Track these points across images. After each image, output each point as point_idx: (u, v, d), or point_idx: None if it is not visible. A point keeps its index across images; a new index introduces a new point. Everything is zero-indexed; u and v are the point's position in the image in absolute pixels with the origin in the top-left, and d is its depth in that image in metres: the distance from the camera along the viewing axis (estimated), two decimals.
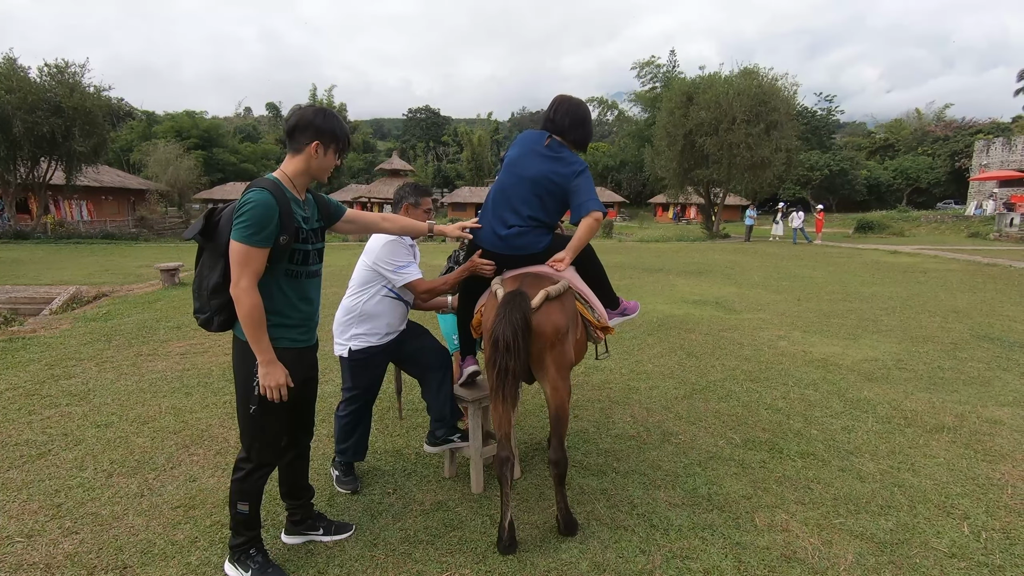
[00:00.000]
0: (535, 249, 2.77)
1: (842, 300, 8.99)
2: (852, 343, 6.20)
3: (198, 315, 2.20)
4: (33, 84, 20.70)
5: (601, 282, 3.00)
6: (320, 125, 2.11)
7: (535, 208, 2.74)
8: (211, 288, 2.10)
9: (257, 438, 2.21)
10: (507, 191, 2.74)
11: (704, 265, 14.06)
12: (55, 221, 24.93)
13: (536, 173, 2.70)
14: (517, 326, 2.28)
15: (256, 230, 1.97)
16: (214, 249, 2.11)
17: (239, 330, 2.14)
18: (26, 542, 2.53)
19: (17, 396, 4.36)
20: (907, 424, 3.95)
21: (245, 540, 2.28)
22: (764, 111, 22.55)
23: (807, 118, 49.16)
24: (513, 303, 2.33)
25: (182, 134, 46.48)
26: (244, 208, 1.98)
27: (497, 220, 2.74)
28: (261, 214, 1.97)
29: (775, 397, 4.45)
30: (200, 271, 2.17)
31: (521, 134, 2.85)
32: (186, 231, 2.16)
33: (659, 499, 2.91)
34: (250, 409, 2.14)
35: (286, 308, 2.17)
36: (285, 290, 2.15)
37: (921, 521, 2.75)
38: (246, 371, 2.14)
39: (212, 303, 2.12)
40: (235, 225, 1.98)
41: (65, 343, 5.97)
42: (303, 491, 2.55)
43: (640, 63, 39.27)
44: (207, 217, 2.14)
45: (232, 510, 2.26)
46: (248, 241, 1.97)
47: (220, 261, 2.08)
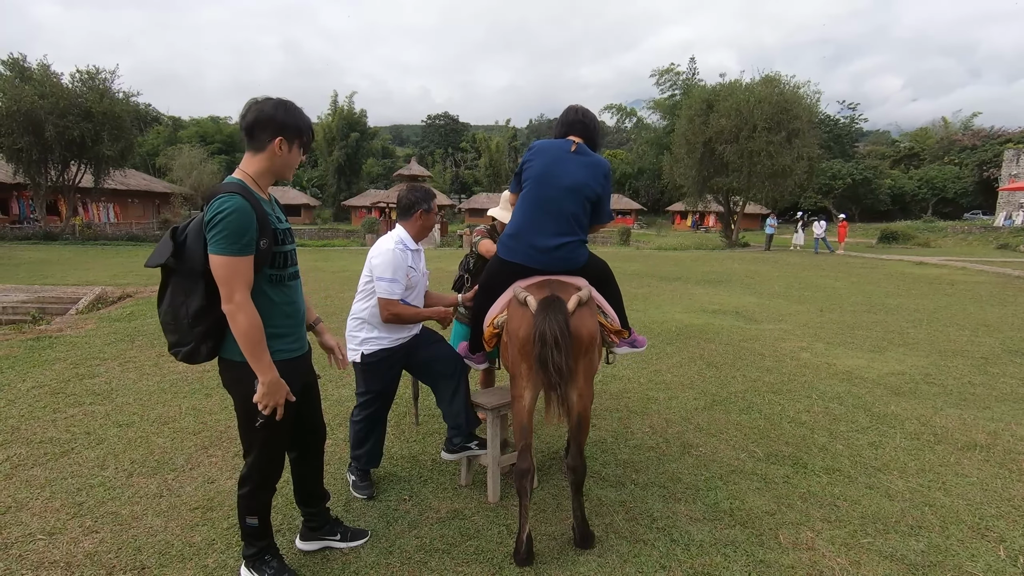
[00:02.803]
0: (579, 263, 2.73)
1: (866, 312, 8.80)
2: (878, 356, 6.05)
3: (177, 349, 2.00)
4: (65, 90, 21.27)
5: (618, 306, 2.96)
6: (283, 120, 1.96)
7: (580, 218, 2.70)
8: (193, 314, 1.93)
9: (261, 455, 2.13)
10: (546, 203, 2.63)
11: (723, 274, 13.89)
12: (83, 223, 25.54)
13: (575, 181, 2.64)
14: (561, 327, 2.25)
15: (236, 238, 1.84)
16: (188, 271, 1.91)
17: (229, 351, 2.01)
18: (48, 540, 2.55)
19: (43, 394, 4.44)
20: (937, 441, 3.83)
21: (257, 550, 2.25)
22: (785, 119, 22.28)
23: (829, 126, 48.57)
24: (552, 308, 2.29)
25: (206, 139, 47.53)
26: (218, 218, 1.83)
27: (538, 234, 2.63)
28: (238, 221, 1.84)
29: (798, 410, 4.35)
30: (171, 301, 1.97)
31: (538, 144, 2.75)
32: (150, 258, 1.94)
33: (679, 513, 2.85)
34: (256, 424, 2.02)
35: (275, 317, 2.03)
36: (271, 297, 2.02)
37: (954, 543, 2.65)
38: (244, 391, 2.02)
39: (196, 331, 1.94)
40: (212, 239, 1.84)
41: (90, 342, 6.07)
42: (318, 498, 2.52)
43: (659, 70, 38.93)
44: (172, 237, 1.93)
45: (241, 523, 2.21)
46: (231, 252, 1.84)
47: (198, 282, 1.90)
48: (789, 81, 23.37)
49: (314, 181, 56.05)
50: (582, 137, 2.75)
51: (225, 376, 2.10)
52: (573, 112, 2.81)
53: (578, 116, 2.79)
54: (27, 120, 20.01)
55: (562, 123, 2.82)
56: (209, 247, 1.85)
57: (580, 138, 2.74)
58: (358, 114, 51.29)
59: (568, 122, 2.79)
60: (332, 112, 50.81)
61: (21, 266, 14.78)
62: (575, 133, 2.76)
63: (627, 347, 2.99)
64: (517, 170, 2.79)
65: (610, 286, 2.92)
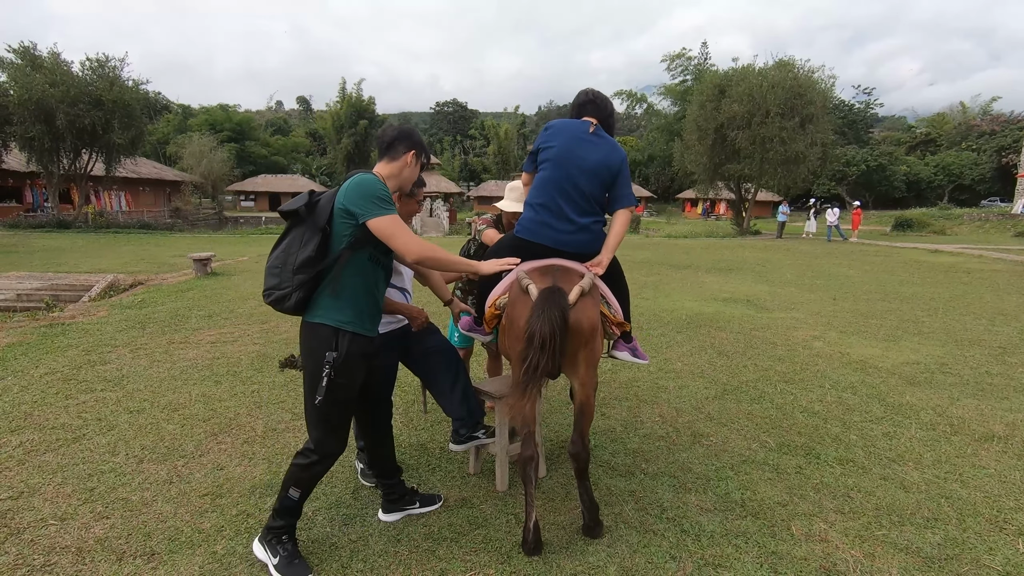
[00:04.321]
0: (598, 248, 2.70)
1: (880, 300, 8.67)
2: (892, 345, 5.96)
3: (273, 291, 2.19)
4: (76, 78, 21.32)
5: (624, 301, 2.90)
6: (417, 140, 2.37)
7: (601, 201, 2.67)
8: (300, 263, 2.14)
9: (321, 428, 2.25)
10: (569, 183, 2.59)
11: (734, 262, 13.75)
12: (95, 211, 25.76)
13: (595, 163, 2.60)
14: (556, 324, 2.20)
15: (388, 201, 2.16)
16: (313, 224, 2.16)
17: (317, 315, 2.19)
18: (59, 525, 2.57)
19: (55, 380, 4.48)
20: (953, 432, 3.76)
21: (284, 524, 2.31)
22: (799, 104, 21.88)
23: (844, 112, 47.69)
24: (552, 300, 2.25)
25: (215, 127, 47.54)
26: (363, 188, 2.13)
27: (563, 214, 2.59)
28: (376, 187, 2.16)
29: (811, 400, 4.29)
30: (288, 247, 2.20)
31: (555, 124, 2.69)
32: (285, 205, 2.20)
33: (690, 503, 2.82)
34: (316, 400, 2.16)
35: (362, 296, 2.24)
36: (366, 276, 2.23)
37: (971, 536, 2.59)
38: (318, 358, 2.17)
39: (297, 277, 2.15)
40: (366, 204, 2.11)
41: (101, 330, 6.12)
42: (395, 471, 2.68)
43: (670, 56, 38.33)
44: (309, 195, 2.24)
45: (282, 493, 2.29)
46: (388, 211, 2.14)
47: (316, 236, 2.14)
48: (803, 66, 22.93)
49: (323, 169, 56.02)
50: (596, 119, 2.69)
51: (305, 338, 2.24)
52: (585, 94, 2.76)
53: (590, 97, 2.74)
54: (39, 109, 20.10)
55: (579, 105, 2.76)
56: (365, 215, 2.11)
57: (595, 120, 2.68)
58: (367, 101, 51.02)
59: (580, 103, 2.74)
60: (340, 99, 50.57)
61: (35, 254, 14.93)
62: (588, 114, 2.70)
63: (628, 353, 2.93)
64: (533, 149, 2.73)
65: (619, 280, 2.87)
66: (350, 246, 2.17)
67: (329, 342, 2.17)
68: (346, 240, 2.16)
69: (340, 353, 2.18)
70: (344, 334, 2.19)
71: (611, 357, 3.09)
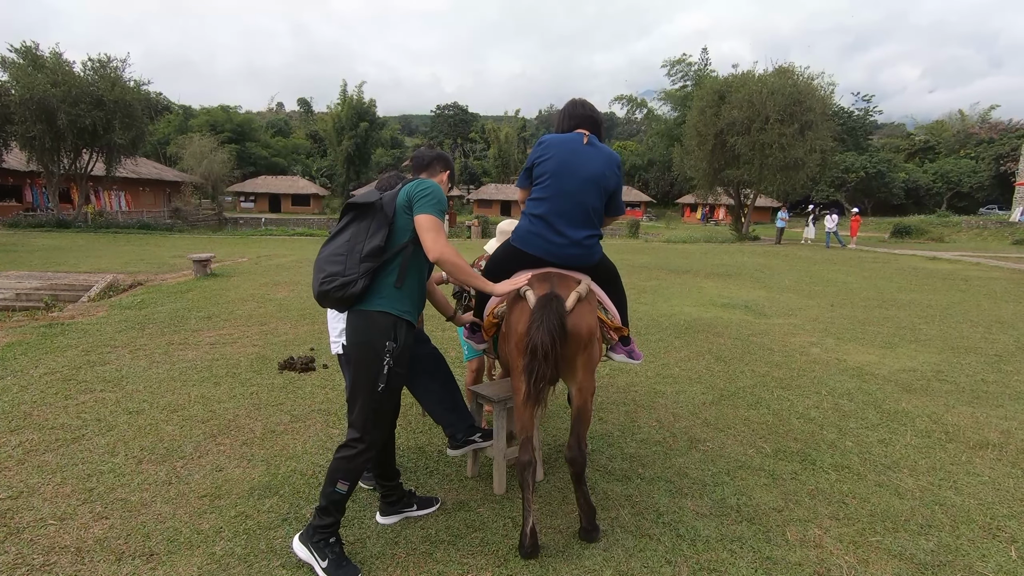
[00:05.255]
0: (595, 259, 2.73)
1: (878, 307, 8.70)
2: (889, 352, 5.98)
3: (337, 277, 2.26)
4: (77, 78, 21.34)
5: (623, 311, 2.93)
6: (451, 163, 2.75)
7: (599, 212, 2.70)
8: (368, 251, 2.27)
9: (372, 417, 2.33)
10: (567, 196, 2.60)
11: (733, 267, 13.78)
12: (95, 211, 25.76)
13: (593, 173, 2.62)
14: (555, 331, 2.23)
15: (439, 204, 2.35)
16: (383, 217, 2.31)
17: (375, 303, 2.30)
18: (58, 525, 2.58)
19: (55, 381, 4.49)
20: (948, 439, 3.78)
21: (332, 522, 2.33)
22: (799, 111, 21.97)
23: (843, 118, 47.77)
24: (549, 307, 2.28)
25: (216, 127, 47.58)
26: (427, 190, 2.34)
27: (560, 227, 2.60)
28: (440, 193, 2.39)
29: (807, 406, 4.31)
30: (353, 237, 2.32)
31: (549, 138, 2.70)
32: (358, 197, 2.37)
33: (686, 508, 2.83)
34: (378, 388, 2.27)
35: (417, 290, 2.43)
36: (423, 269, 2.43)
37: (964, 543, 2.62)
38: (377, 348, 2.27)
39: (364, 265, 2.26)
40: (423, 203, 2.31)
41: (101, 330, 6.13)
42: (395, 473, 2.71)
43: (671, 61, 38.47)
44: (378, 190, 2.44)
45: (328, 488, 2.31)
46: (436, 212, 2.33)
47: (384, 228, 2.29)
48: (803, 72, 23.03)
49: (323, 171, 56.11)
50: (588, 130, 2.72)
51: (362, 328, 2.31)
52: (580, 106, 2.79)
53: (586, 111, 2.77)
54: (40, 108, 20.11)
55: (569, 116, 2.78)
56: (418, 209, 2.31)
57: (587, 131, 2.71)
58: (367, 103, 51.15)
59: (576, 115, 2.76)
60: (341, 101, 50.71)
61: (35, 253, 14.93)
62: (584, 127, 2.73)
63: (624, 356, 2.95)
64: (527, 165, 2.74)
65: (616, 286, 2.90)
66: (413, 240, 2.33)
67: (388, 332, 2.29)
68: (409, 234, 2.33)
69: (400, 343, 2.30)
70: (402, 323, 2.32)
71: (608, 359, 3.12)
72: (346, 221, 2.38)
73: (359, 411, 2.33)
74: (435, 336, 5.25)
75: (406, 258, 2.33)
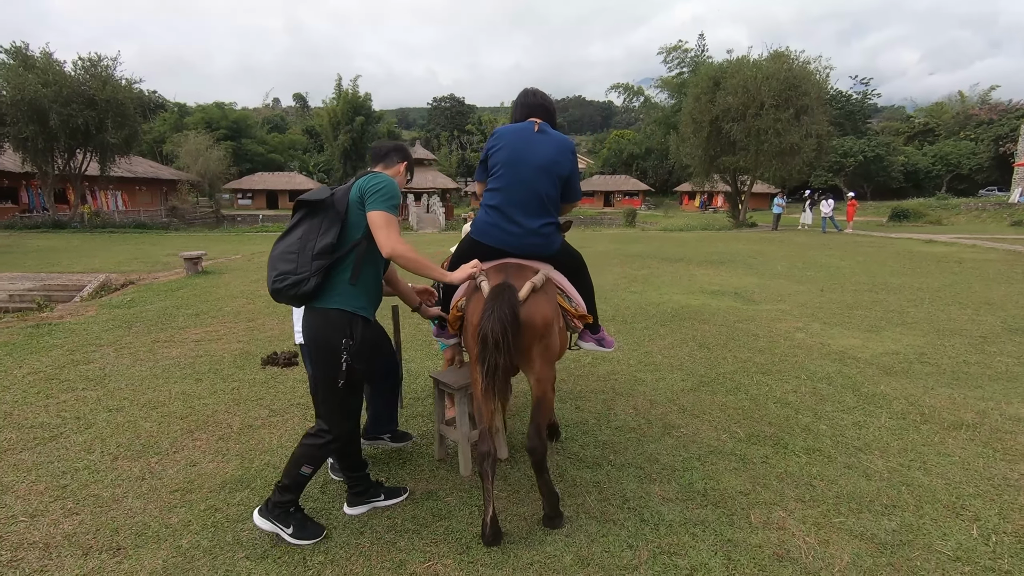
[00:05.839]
0: (553, 248, 2.73)
1: (868, 291, 8.69)
2: (873, 336, 5.99)
3: (289, 276, 2.27)
4: (68, 77, 21.30)
5: (590, 300, 2.94)
6: (408, 154, 2.68)
7: (554, 200, 2.70)
8: (320, 249, 2.28)
9: (338, 411, 2.41)
10: (520, 185, 2.61)
11: (727, 255, 13.76)
12: (91, 211, 25.78)
13: (545, 160, 2.63)
14: (506, 321, 2.24)
15: (391, 200, 2.34)
16: (335, 214, 2.32)
17: (330, 301, 2.32)
18: (29, 522, 2.61)
19: (37, 380, 4.52)
20: (923, 420, 3.79)
21: (292, 499, 2.44)
22: (794, 96, 21.86)
23: (841, 103, 47.58)
24: (501, 297, 2.29)
25: (212, 125, 47.42)
26: (379, 185, 2.33)
27: (515, 216, 2.62)
28: (393, 188, 2.38)
29: (785, 391, 4.33)
30: (303, 236, 2.33)
31: (501, 129, 2.72)
32: (308, 195, 2.38)
33: (652, 493, 2.86)
34: (338, 384, 2.31)
35: (373, 285, 2.46)
36: (379, 265, 2.45)
37: (927, 522, 2.63)
38: (334, 344, 2.30)
39: (316, 263, 2.27)
40: (375, 199, 2.30)
41: (88, 329, 6.16)
42: (362, 464, 2.72)
43: (667, 48, 38.28)
44: (330, 188, 2.44)
45: (293, 470, 2.41)
46: (388, 208, 2.32)
47: (336, 224, 2.30)
48: (798, 57, 22.87)
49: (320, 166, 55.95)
50: (541, 118, 2.72)
51: (318, 325, 2.34)
52: (532, 95, 2.80)
53: (537, 99, 2.79)
54: (31, 109, 20.10)
55: (522, 105, 2.79)
56: (370, 206, 2.31)
57: (540, 119, 2.71)
58: (363, 97, 50.91)
59: (528, 104, 2.78)
60: (337, 96, 50.49)
61: (30, 254, 14.96)
62: (538, 116, 2.73)
63: (593, 343, 2.97)
64: (482, 158, 2.76)
65: (582, 276, 2.91)
66: (367, 236, 2.34)
67: (345, 329, 2.32)
68: (362, 230, 2.34)
69: (356, 340, 2.33)
70: (357, 320, 2.35)
71: (577, 348, 3.15)
72: (298, 218, 2.38)
73: (324, 406, 2.41)
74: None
75: (360, 254, 2.34)
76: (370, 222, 2.31)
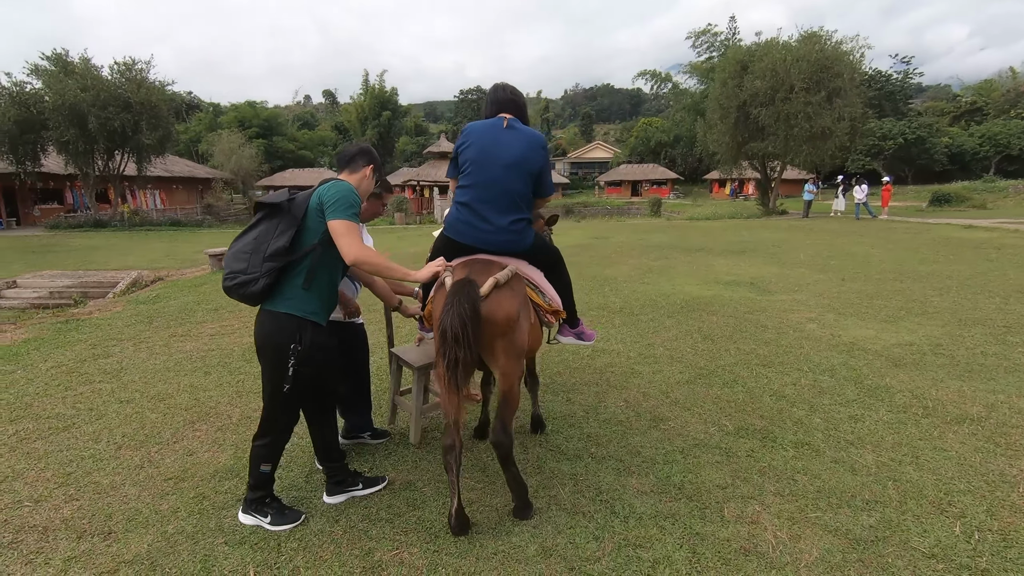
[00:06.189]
0: (526, 245, 2.74)
1: (893, 280, 8.40)
2: (889, 326, 5.80)
3: (238, 275, 2.33)
4: (105, 82, 22.17)
5: (567, 295, 2.94)
6: (374, 156, 2.66)
7: (525, 196, 2.71)
8: (273, 251, 2.32)
9: (282, 412, 2.49)
10: (490, 183, 2.62)
11: (750, 244, 13.46)
12: (131, 210, 26.82)
13: (514, 157, 2.63)
14: (465, 316, 2.27)
15: (350, 207, 2.35)
16: (291, 218, 2.36)
17: (281, 304, 2.37)
18: (32, 506, 2.79)
19: (59, 373, 4.78)
20: (925, 414, 3.67)
21: (264, 494, 2.57)
22: (826, 78, 21.07)
23: (880, 83, 45.65)
24: (461, 292, 2.32)
25: (244, 124, 48.61)
26: (340, 193, 2.35)
27: (486, 213, 2.64)
28: (352, 196, 2.38)
29: (784, 383, 4.24)
30: (260, 235, 2.37)
31: (470, 126, 2.73)
32: (267, 197, 2.42)
33: (628, 486, 2.86)
34: (284, 388, 2.39)
35: (324, 287, 2.46)
36: (336, 270, 2.47)
37: (909, 518, 2.57)
38: (282, 349, 2.36)
39: (266, 265, 2.31)
40: (337, 207, 2.31)
41: (112, 324, 6.46)
42: (339, 453, 2.81)
43: (695, 32, 37.39)
44: (288, 192, 2.46)
45: (255, 471, 2.55)
46: (349, 217, 2.33)
47: (292, 228, 2.34)
48: (831, 37, 22.02)
49: None
50: (514, 115, 2.73)
51: (267, 328, 2.40)
52: (501, 90, 2.80)
53: (507, 94, 2.79)
54: (72, 113, 21.00)
55: (492, 102, 2.80)
56: (330, 215, 2.32)
57: (510, 115, 2.72)
58: (389, 92, 51.46)
59: (498, 100, 2.78)
60: (364, 91, 51.16)
61: (72, 253, 15.71)
62: (508, 111, 2.74)
63: (572, 338, 2.98)
64: (452, 155, 2.78)
65: (558, 271, 2.92)
66: (322, 242, 2.36)
67: (294, 334, 2.36)
68: (318, 236, 2.36)
69: (305, 345, 2.37)
70: (307, 324, 2.38)
71: (556, 342, 3.17)
72: (257, 219, 2.43)
73: (267, 406, 2.48)
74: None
75: (315, 259, 2.37)
76: (331, 231, 2.33)
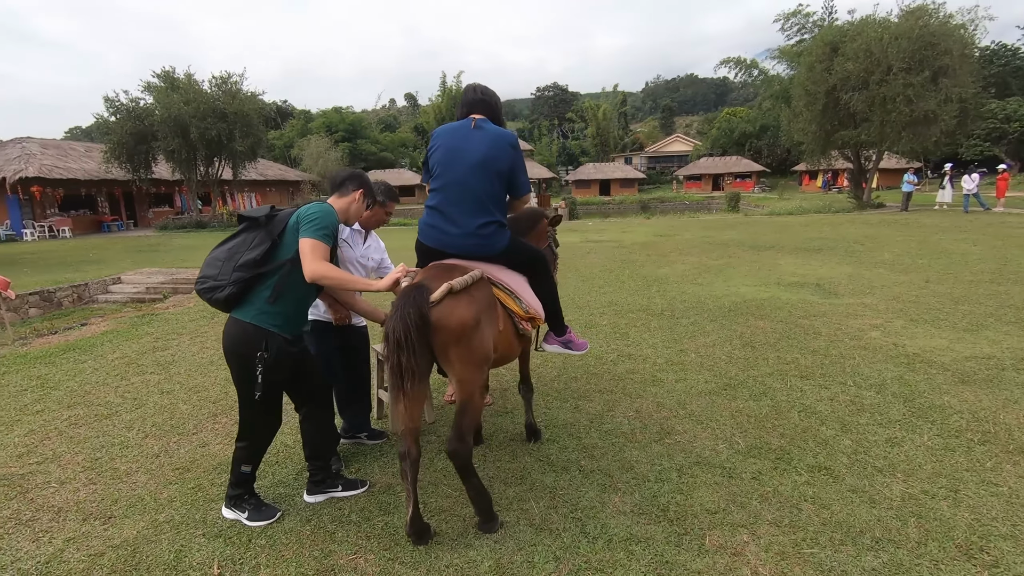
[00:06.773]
0: (497, 248, 2.68)
1: (988, 282, 7.42)
2: (968, 335, 5.12)
3: (208, 280, 2.46)
4: (205, 94, 24.19)
5: (551, 302, 2.82)
6: (364, 181, 2.73)
7: (495, 197, 2.65)
8: (244, 262, 2.41)
9: (257, 416, 2.60)
10: (456, 185, 2.59)
11: (829, 241, 12.41)
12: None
13: (480, 157, 2.59)
14: (410, 322, 2.22)
15: (322, 228, 2.41)
16: (268, 231, 2.45)
17: (247, 314, 2.45)
18: (58, 488, 3.07)
19: (121, 364, 5.25)
20: (982, 440, 3.19)
21: (244, 492, 2.69)
22: (930, 56, 18.96)
23: (1005, 58, 40.60)
24: (408, 298, 2.28)
25: (331, 128, 51.38)
26: (316, 215, 2.42)
27: (453, 217, 2.61)
28: (328, 217, 2.45)
29: (820, 398, 3.85)
30: (236, 245, 2.48)
31: (439, 129, 2.71)
32: (246, 211, 2.52)
33: (608, 504, 2.70)
34: (255, 395, 2.47)
35: (291, 304, 2.51)
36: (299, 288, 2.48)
37: (924, 563, 2.23)
38: (248, 358, 2.45)
39: (235, 275, 2.40)
40: (309, 227, 2.38)
41: (179, 319, 7.02)
42: (327, 452, 2.88)
43: (785, 15, 34.89)
44: (270, 208, 2.57)
45: (236, 471, 2.67)
46: (319, 237, 2.39)
47: (266, 242, 2.42)
48: (937, 11, 19.81)
49: None
50: (485, 115, 2.65)
51: (234, 337, 2.48)
52: (472, 91, 2.76)
53: (478, 95, 2.73)
54: (176, 124, 23.10)
55: (463, 104, 2.75)
56: (301, 233, 2.39)
57: (483, 116, 2.64)
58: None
59: (468, 101, 2.73)
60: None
61: (172, 252, 17.31)
62: (478, 112, 2.67)
63: (558, 346, 2.87)
64: (423, 159, 2.76)
65: (540, 276, 2.81)
66: (293, 260, 2.42)
67: (259, 343, 2.43)
68: (291, 254, 2.42)
69: (272, 353, 2.45)
70: (273, 336, 2.46)
71: (542, 350, 3.06)
72: (239, 230, 2.55)
73: (241, 411, 2.60)
74: None
75: (283, 276, 2.43)
76: (300, 248, 2.39)
